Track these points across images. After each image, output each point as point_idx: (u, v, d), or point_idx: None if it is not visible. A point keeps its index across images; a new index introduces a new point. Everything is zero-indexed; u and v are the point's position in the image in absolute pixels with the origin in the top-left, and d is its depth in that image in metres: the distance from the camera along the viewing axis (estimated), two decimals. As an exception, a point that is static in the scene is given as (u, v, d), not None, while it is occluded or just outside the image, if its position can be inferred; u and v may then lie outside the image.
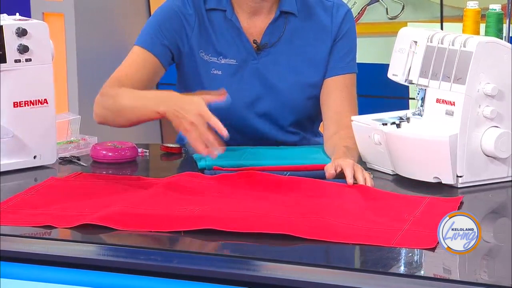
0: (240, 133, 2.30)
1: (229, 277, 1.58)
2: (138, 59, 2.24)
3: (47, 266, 1.66)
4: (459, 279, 1.54)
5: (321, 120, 2.34)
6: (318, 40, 2.30)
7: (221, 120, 2.26)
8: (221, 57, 2.27)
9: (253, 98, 2.29)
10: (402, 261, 1.59)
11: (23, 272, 1.67)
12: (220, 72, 2.27)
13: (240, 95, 2.27)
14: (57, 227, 1.72)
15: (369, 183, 1.95)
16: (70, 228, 1.72)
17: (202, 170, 2.08)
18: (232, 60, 2.27)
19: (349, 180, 1.93)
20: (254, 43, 2.28)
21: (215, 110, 2.25)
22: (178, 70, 2.34)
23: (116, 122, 2.18)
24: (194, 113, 1.98)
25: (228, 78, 2.27)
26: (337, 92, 2.28)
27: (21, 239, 1.70)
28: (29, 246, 1.69)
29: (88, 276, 1.64)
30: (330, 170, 1.99)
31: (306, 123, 2.37)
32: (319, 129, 2.44)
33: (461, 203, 1.86)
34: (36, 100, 2.12)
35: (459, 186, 1.97)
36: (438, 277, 1.53)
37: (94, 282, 1.64)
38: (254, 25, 2.28)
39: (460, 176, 1.97)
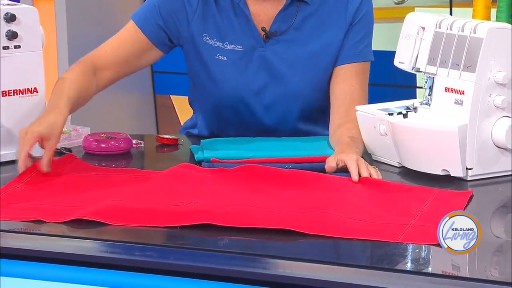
0: (246, 124, 2.27)
1: (228, 274, 1.55)
2: (125, 35, 2.24)
3: (38, 262, 1.63)
4: (468, 276, 1.51)
5: None
6: (331, 29, 2.24)
7: (226, 110, 2.22)
8: (227, 42, 2.23)
9: (259, 87, 2.25)
10: (409, 258, 1.56)
11: (13, 268, 1.64)
12: (225, 58, 2.23)
13: (245, 83, 2.23)
14: (48, 222, 1.70)
15: (375, 177, 1.91)
16: (62, 223, 1.70)
17: (199, 163, 2.06)
18: (238, 47, 2.23)
19: (354, 177, 1.89)
20: (262, 30, 2.23)
21: (221, 98, 2.22)
22: (184, 55, 2.30)
23: None
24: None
25: (234, 65, 2.23)
26: (346, 82, 2.23)
27: (11, 234, 1.67)
28: (19, 241, 1.67)
29: (81, 272, 1.61)
30: (331, 163, 1.95)
31: (317, 115, 2.31)
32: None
33: (471, 197, 1.83)
34: (25, 89, 2.11)
35: (468, 179, 1.95)
36: (447, 274, 1.51)
37: (87, 279, 1.61)
38: (264, 11, 2.24)
39: (470, 169, 1.95)
